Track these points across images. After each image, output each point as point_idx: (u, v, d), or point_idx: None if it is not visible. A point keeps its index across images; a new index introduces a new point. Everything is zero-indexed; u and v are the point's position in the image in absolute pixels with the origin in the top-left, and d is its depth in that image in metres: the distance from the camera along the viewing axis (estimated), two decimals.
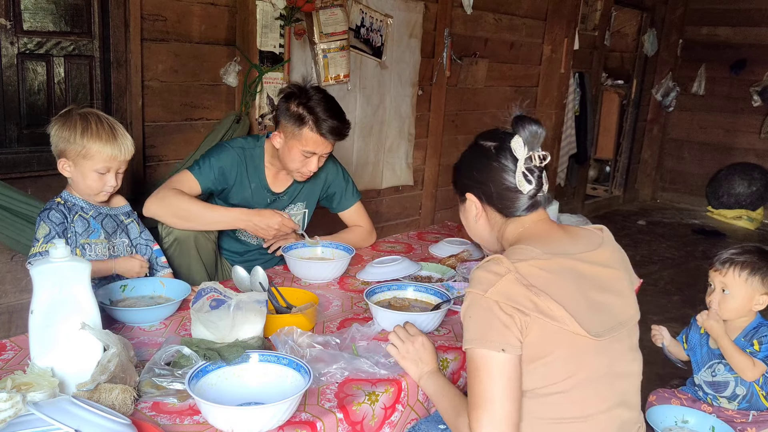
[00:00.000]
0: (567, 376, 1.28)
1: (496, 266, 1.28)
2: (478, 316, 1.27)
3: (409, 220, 4.43)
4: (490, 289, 1.26)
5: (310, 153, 2.17)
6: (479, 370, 1.25)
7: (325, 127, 2.13)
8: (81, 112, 1.85)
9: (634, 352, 1.40)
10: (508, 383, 1.24)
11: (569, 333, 1.26)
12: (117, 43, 2.68)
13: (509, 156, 1.39)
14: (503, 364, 1.24)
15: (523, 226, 1.42)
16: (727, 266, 1.92)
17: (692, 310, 2.01)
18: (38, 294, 1.31)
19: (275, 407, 1.22)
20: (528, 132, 1.37)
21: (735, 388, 1.95)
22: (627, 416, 1.36)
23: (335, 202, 2.48)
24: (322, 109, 2.13)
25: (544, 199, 1.42)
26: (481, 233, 1.52)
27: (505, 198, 1.41)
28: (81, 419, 1.06)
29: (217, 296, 1.61)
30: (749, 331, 1.93)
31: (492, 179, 1.42)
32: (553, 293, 1.26)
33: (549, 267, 1.30)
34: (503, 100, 4.96)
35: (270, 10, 3.04)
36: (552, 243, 1.37)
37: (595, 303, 1.32)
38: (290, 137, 2.16)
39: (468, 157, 1.50)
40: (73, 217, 1.88)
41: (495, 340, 1.24)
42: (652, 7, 6.69)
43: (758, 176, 6.65)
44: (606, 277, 1.37)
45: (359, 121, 3.76)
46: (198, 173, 2.20)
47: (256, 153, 2.29)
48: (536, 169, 1.39)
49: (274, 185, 2.33)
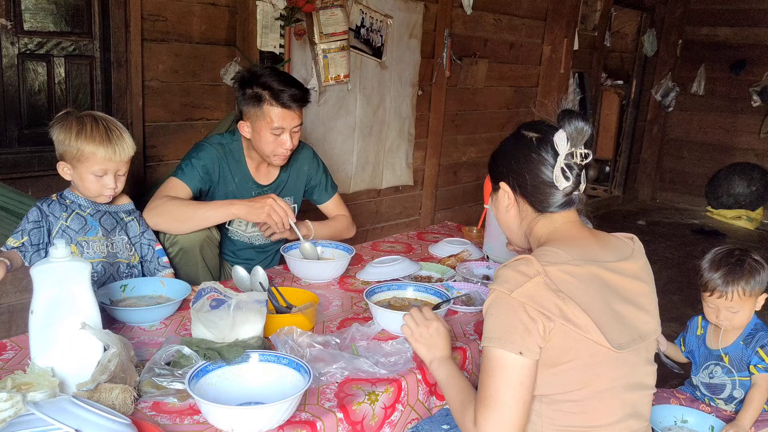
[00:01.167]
0: (582, 386, 1.27)
1: (525, 267, 1.26)
2: (500, 315, 1.25)
3: (409, 220, 4.44)
4: (517, 289, 1.23)
5: (279, 129, 2.16)
6: (494, 370, 1.23)
7: (285, 97, 2.13)
8: (78, 115, 1.85)
9: (649, 365, 1.38)
10: (520, 387, 1.23)
11: (591, 342, 1.25)
12: (117, 43, 2.68)
13: (550, 149, 1.35)
14: (519, 368, 1.22)
15: (553, 224, 1.39)
16: (730, 290, 1.87)
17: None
18: (38, 294, 1.31)
19: (275, 407, 1.22)
20: (573, 127, 1.32)
21: (732, 391, 1.95)
22: (637, 427, 1.35)
23: (316, 195, 2.52)
24: (275, 81, 2.14)
25: (579, 198, 1.38)
26: (510, 225, 1.48)
27: (539, 191, 1.37)
28: (81, 419, 1.06)
29: (217, 296, 1.61)
30: (747, 334, 1.92)
31: (529, 170, 1.37)
32: (580, 301, 1.24)
33: (578, 274, 1.27)
34: (503, 101, 4.96)
35: (270, 10, 3.04)
36: (582, 248, 1.34)
37: (619, 315, 1.30)
38: (255, 120, 2.17)
39: (507, 145, 1.45)
40: (68, 215, 1.88)
41: (515, 342, 1.22)
42: (651, 7, 6.69)
43: (758, 176, 6.65)
44: (633, 290, 1.35)
45: (359, 121, 3.76)
46: (183, 176, 2.19)
47: (234, 147, 2.30)
48: (576, 167, 1.35)
49: (258, 177, 2.34)
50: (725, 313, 1.91)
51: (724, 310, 1.91)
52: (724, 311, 1.91)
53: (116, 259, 1.94)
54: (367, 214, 4.07)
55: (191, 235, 2.13)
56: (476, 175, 4.88)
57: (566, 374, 1.27)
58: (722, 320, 1.92)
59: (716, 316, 1.93)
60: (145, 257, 2.03)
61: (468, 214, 4.89)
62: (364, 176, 3.91)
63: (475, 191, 4.88)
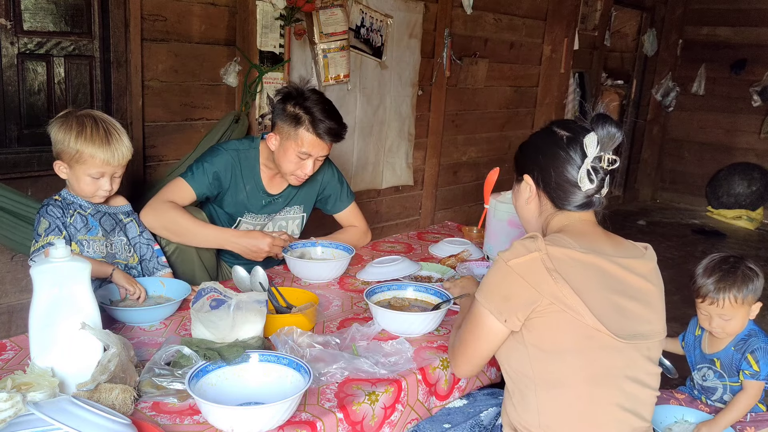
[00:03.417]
0: (578, 370, 1.29)
1: (530, 242, 1.33)
2: (493, 277, 1.36)
3: (409, 220, 4.43)
4: (514, 259, 1.31)
5: (306, 155, 2.16)
6: (473, 320, 1.40)
7: (322, 127, 2.12)
8: (79, 115, 1.84)
9: (651, 365, 1.39)
10: (486, 342, 1.39)
11: (587, 327, 1.28)
12: (117, 43, 2.68)
13: (579, 150, 1.38)
14: (490, 327, 1.36)
15: (569, 220, 1.43)
16: (721, 297, 1.85)
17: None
18: (38, 294, 1.31)
19: (275, 407, 1.22)
20: (605, 132, 1.36)
21: (723, 395, 1.95)
22: (638, 425, 1.36)
23: (330, 205, 2.48)
24: (319, 109, 2.13)
25: (599, 201, 1.42)
26: (528, 217, 1.53)
27: (562, 189, 1.41)
28: (81, 419, 1.06)
29: (217, 296, 1.61)
30: (740, 339, 1.91)
31: (555, 167, 1.41)
32: (574, 284, 1.28)
33: (580, 260, 1.32)
34: (503, 101, 4.96)
35: (270, 10, 3.04)
36: (592, 243, 1.37)
37: (620, 307, 1.32)
38: (286, 138, 2.16)
39: (536, 139, 1.49)
40: (71, 213, 1.88)
41: (495, 306, 1.34)
42: (652, 7, 6.69)
43: (758, 176, 6.65)
44: (638, 287, 1.37)
45: (359, 121, 3.76)
46: (191, 180, 2.18)
47: (250, 155, 2.28)
48: (602, 171, 1.38)
49: (270, 187, 2.32)
50: (717, 321, 1.89)
51: (716, 318, 1.88)
52: (717, 318, 1.88)
53: (115, 260, 1.94)
54: (367, 214, 4.04)
55: None
56: (476, 174, 4.88)
57: (562, 358, 1.29)
58: (715, 327, 1.90)
59: (709, 323, 1.91)
60: (144, 257, 2.03)
61: (468, 214, 4.89)
62: (364, 176, 3.91)
63: (475, 191, 4.87)
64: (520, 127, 5.20)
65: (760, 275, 1.88)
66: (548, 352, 1.31)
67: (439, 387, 1.61)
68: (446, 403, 1.65)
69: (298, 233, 2.46)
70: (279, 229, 2.39)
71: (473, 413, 1.61)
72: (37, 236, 1.83)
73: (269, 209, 2.34)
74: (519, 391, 1.39)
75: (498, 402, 1.64)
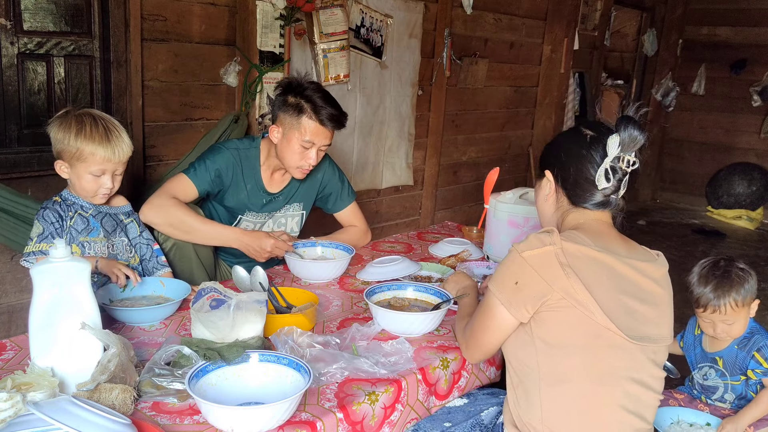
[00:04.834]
0: (584, 368, 1.30)
1: (546, 236, 1.34)
2: (506, 267, 1.39)
3: (409, 220, 4.43)
4: (528, 251, 1.33)
5: (309, 143, 2.17)
6: (485, 309, 1.44)
7: (324, 113, 2.14)
8: (77, 113, 1.84)
9: (656, 369, 1.39)
10: (494, 331, 1.42)
11: (597, 324, 1.29)
12: (117, 43, 2.68)
13: (600, 149, 1.40)
14: (500, 318, 1.39)
15: (585, 218, 1.44)
16: (722, 303, 1.86)
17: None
18: (38, 294, 1.31)
19: (275, 407, 1.22)
20: (628, 134, 1.38)
21: (724, 393, 1.95)
22: (640, 426, 1.37)
23: (330, 203, 2.49)
24: (319, 97, 2.16)
25: (615, 202, 1.44)
26: (545, 213, 1.55)
27: (579, 187, 1.43)
28: (81, 419, 1.06)
29: (217, 296, 1.61)
30: (743, 337, 1.91)
31: (574, 165, 1.43)
32: (585, 280, 1.29)
33: (594, 257, 1.33)
34: (503, 100, 4.96)
35: (270, 10, 3.04)
36: (606, 242, 1.39)
37: (628, 307, 1.33)
38: (289, 128, 2.17)
39: (562, 137, 1.53)
40: (72, 215, 1.88)
41: (506, 296, 1.36)
42: (652, 7, 6.69)
43: (758, 176, 6.65)
44: (649, 290, 1.38)
45: (359, 121, 3.76)
46: (194, 176, 2.19)
47: (251, 154, 2.29)
48: (620, 171, 1.40)
49: (270, 186, 2.33)
50: (722, 326, 1.89)
51: (720, 324, 1.89)
52: (720, 324, 1.89)
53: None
54: (367, 214, 4.04)
55: None
56: (476, 174, 4.88)
57: (569, 354, 1.30)
58: (719, 333, 1.91)
59: (713, 330, 1.92)
60: (144, 256, 2.03)
61: (468, 214, 4.89)
62: (364, 176, 3.91)
63: (475, 191, 4.87)
64: (520, 127, 5.20)
65: (752, 274, 1.89)
66: (555, 346, 1.31)
67: (438, 387, 1.61)
68: (446, 402, 1.65)
69: (298, 231, 2.46)
70: (279, 226, 2.40)
71: (474, 412, 1.61)
72: (30, 240, 1.83)
73: (270, 207, 2.35)
74: (523, 386, 1.39)
75: (499, 401, 1.64)
